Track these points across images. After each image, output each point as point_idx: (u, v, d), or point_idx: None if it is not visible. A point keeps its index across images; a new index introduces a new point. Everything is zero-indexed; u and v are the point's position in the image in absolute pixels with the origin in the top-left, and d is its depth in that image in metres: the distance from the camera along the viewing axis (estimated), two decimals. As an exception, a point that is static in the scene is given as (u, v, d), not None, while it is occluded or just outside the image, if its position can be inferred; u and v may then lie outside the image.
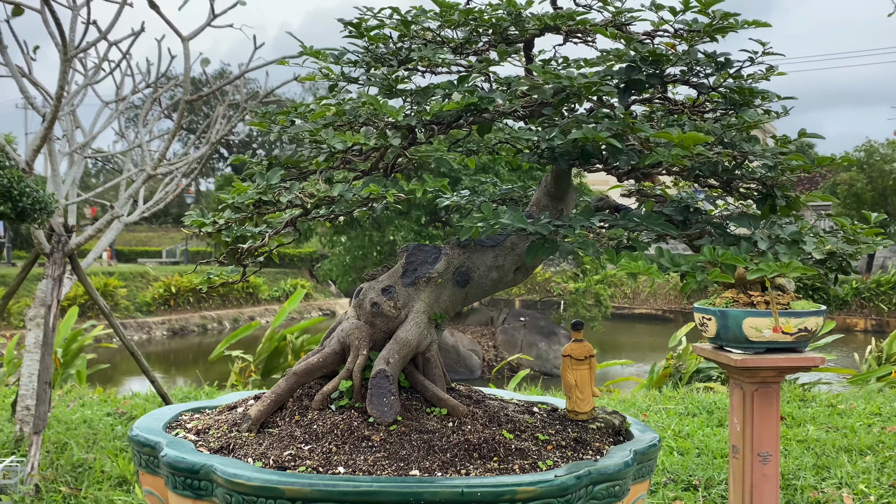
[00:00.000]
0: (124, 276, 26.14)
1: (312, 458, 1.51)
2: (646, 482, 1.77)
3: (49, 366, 4.50)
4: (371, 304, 1.57)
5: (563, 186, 1.60)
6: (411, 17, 1.53)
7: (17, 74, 4.91)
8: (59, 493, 4.01)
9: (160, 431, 1.67)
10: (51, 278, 4.73)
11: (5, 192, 3.22)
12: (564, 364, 1.73)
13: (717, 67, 1.43)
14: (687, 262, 1.20)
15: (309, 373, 1.62)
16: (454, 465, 1.52)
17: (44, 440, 4.84)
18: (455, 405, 1.58)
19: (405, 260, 1.61)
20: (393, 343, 1.52)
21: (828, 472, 4.68)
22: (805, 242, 1.29)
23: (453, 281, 1.57)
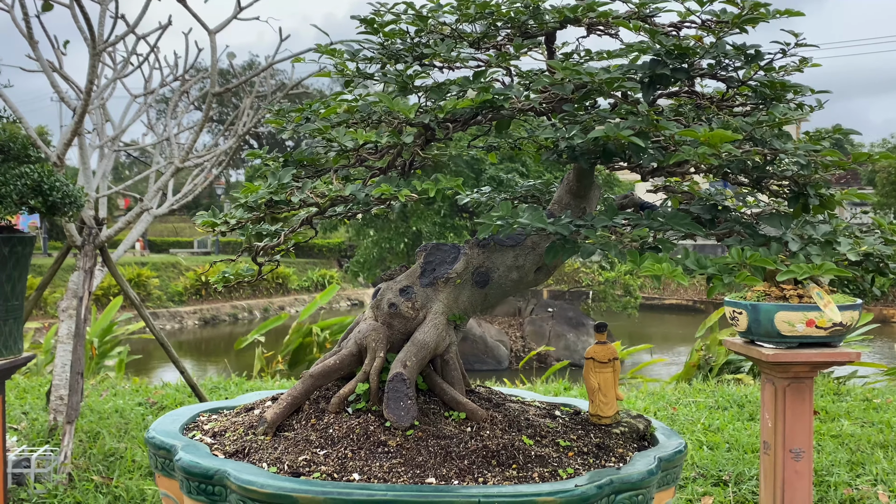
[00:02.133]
0: (156, 267, 26.51)
1: (327, 463, 1.47)
2: (671, 490, 1.70)
3: (81, 356, 4.56)
4: (389, 305, 1.54)
5: (586, 184, 1.54)
6: (427, 12, 1.49)
7: (48, 69, 4.97)
8: (91, 481, 4.07)
9: (177, 434, 1.67)
10: (82, 270, 4.79)
11: (36, 186, 3.25)
12: (587, 367, 1.68)
13: (747, 60, 1.36)
14: (714, 263, 1.16)
15: (325, 375, 1.61)
16: (472, 472, 1.48)
17: (77, 429, 4.92)
18: (474, 409, 1.54)
19: (423, 260, 1.57)
20: (410, 345, 1.48)
21: (862, 468, 4.58)
22: (839, 243, 1.23)
23: (472, 281, 1.52)
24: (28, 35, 4.83)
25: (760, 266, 1.14)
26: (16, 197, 3.19)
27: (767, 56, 1.39)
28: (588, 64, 1.41)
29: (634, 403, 6.12)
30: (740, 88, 1.43)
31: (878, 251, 1.27)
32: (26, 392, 6.45)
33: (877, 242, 1.30)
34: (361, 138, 1.30)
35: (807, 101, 1.41)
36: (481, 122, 1.28)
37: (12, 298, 3.32)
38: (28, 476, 3.95)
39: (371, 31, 1.52)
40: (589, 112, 1.30)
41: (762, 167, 1.26)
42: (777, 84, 1.38)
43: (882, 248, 1.28)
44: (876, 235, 1.37)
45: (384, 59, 1.53)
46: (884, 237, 1.36)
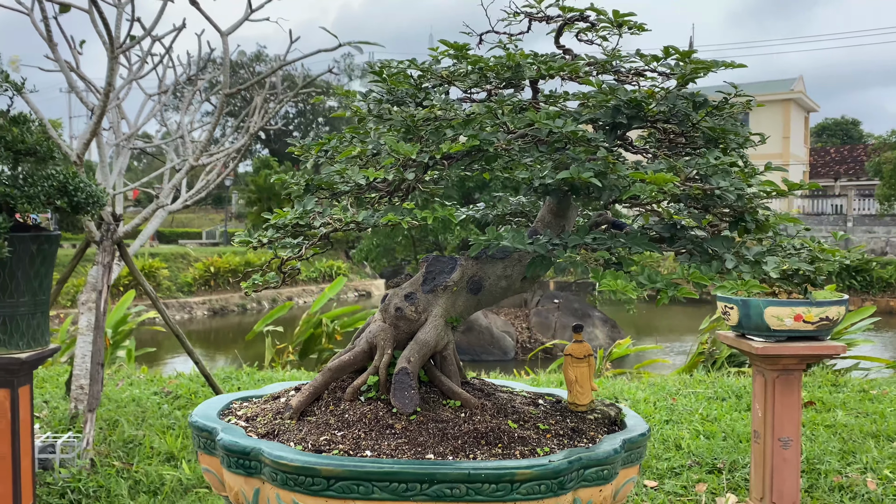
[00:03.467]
0: (166, 258, 26.80)
1: (344, 442, 1.73)
2: (635, 467, 1.96)
3: (101, 347, 4.76)
4: (395, 309, 1.76)
5: (564, 205, 1.75)
6: (426, 66, 1.69)
7: (66, 70, 5.14)
8: (112, 467, 4.28)
9: (215, 418, 1.93)
10: (101, 265, 4.98)
11: (61, 187, 3.43)
12: (566, 362, 1.91)
13: (695, 107, 1.54)
14: (662, 279, 1.33)
15: (341, 369, 1.83)
16: (464, 450, 1.74)
17: (96, 418, 5.13)
18: (467, 398, 1.77)
19: (425, 269, 1.79)
20: (414, 344, 1.71)
21: (853, 457, 4.74)
22: (766, 262, 1.41)
23: (467, 289, 1.74)
24: (47, 37, 5.01)
25: (698, 281, 1.32)
26: (43, 198, 3.37)
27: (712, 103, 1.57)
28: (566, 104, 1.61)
29: (635, 394, 6.29)
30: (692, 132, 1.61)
31: (803, 268, 1.46)
32: (45, 381, 6.67)
33: (801, 261, 1.48)
34: (372, 176, 1.49)
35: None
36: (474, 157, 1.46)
37: (40, 293, 3.51)
38: (53, 461, 4.15)
39: (380, 80, 1.72)
40: (563, 151, 1.47)
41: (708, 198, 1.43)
42: (718, 129, 1.56)
43: (804, 265, 1.47)
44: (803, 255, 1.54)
45: (390, 104, 1.73)
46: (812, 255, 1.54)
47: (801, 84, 41.32)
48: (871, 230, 29.30)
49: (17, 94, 3.69)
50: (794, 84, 40.91)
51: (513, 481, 1.66)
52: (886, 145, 35.02)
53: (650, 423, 5.45)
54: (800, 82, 41.28)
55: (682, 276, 1.34)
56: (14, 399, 3.51)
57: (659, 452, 4.78)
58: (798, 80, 41.23)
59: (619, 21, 1.68)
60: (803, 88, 41.38)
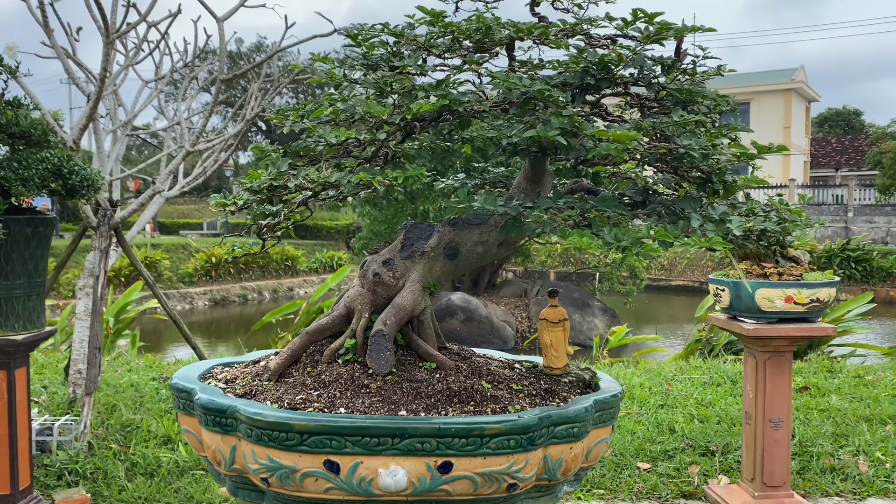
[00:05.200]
0: (167, 248, 26.83)
1: (320, 401, 1.76)
2: (607, 427, 2.00)
3: (98, 332, 4.79)
4: (373, 275, 1.79)
5: (539, 171, 1.77)
6: (400, 30, 1.71)
7: (62, 56, 5.15)
8: (109, 449, 4.31)
9: (195, 380, 1.96)
10: (98, 250, 5.01)
11: (56, 170, 3.45)
12: (542, 326, 1.95)
13: (664, 69, 1.56)
14: (628, 237, 1.35)
15: (319, 332, 1.86)
16: (437, 407, 1.77)
17: (94, 402, 5.16)
18: (443, 360, 1.81)
19: (403, 236, 1.82)
20: (391, 308, 1.74)
21: (846, 440, 4.77)
22: (731, 221, 1.42)
23: (444, 254, 1.77)
24: (43, 23, 5.02)
25: (663, 239, 1.34)
26: (38, 181, 3.40)
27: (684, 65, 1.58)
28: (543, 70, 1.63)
29: (631, 379, 6.31)
30: (660, 93, 1.63)
31: (769, 228, 1.48)
32: (44, 368, 6.70)
33: (769, 222, 1.50)
34: (343, 135, 1.51)
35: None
36: (448, 120, 1.48)
37: (35, 276, 3.54)
38: (51, 444, 4.19)
39: (355, 44, 1.74)
40: (534, 113, 1.49)
41: (676, 158, 1.45)
42: (685, 91, 1.58)
43: (771, 226, 1.48)
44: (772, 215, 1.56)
45: (365, 68, 1.75)
46: (779, 217, 1.56)
47: (802, 74, 41.20)
48: (872, 220, 29.28)
49: (12, 77, 3.71)
50: (795, 74, 40.80)
51: (482, 436, 1.69)
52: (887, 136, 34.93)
53: (646, 407, 5.48)
54: (801, 72, 41.16)
55: (646, 234, 1.36)
56: (11, 380, 3.54)
57: (653, 436, 4.81)
58: (799, 70, 41.11)
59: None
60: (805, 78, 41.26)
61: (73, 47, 5.56)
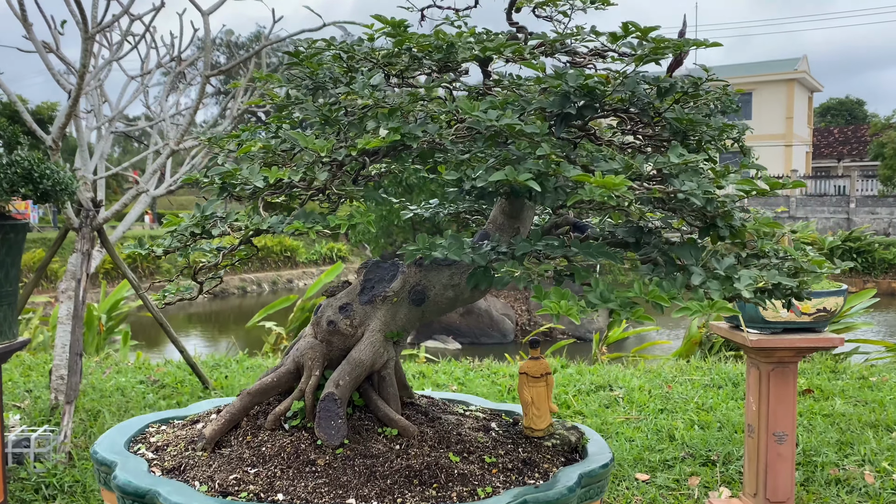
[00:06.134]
0: (165, 240, 26.68)
1: (256, 482, 1.51)
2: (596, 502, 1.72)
3: (80, 338, 4.64)
4: (328, 323, 1.58)
5: (518, 205, 1.55)
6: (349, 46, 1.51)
7: (42, 51, 4.98)
8: (90, 460, 4.17)
9: (121, 449, 1.71)
10: (80, 252, 4.85)
11: (26, 174, 3.29)
12: (521, 381, 1.70)
13: (660, 93, 1.35)
14: (617, 297, 1.17)
15: (263, 392, 1.65)
16: (392, 492, 1.51)
17: (78, 407, 5.03)
18: (405, 426, 1.58)
19: (363, 277, 1.61)
20: (345, 364, 1.53)
21: (851, 448, 4.62)
22: (739, 279, 1.24)
23: (409, 299, 1.55)
24: (22, 17, 4.84)
25: (658, 301, 1.16)
26: (6, 185, 3.24)
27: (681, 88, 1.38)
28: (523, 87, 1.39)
29: (630, 381, 6.17)
30: (655, 118, 1.42)
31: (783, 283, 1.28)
32: (31, 369, 6.57)
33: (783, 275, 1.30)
34: (274, 176, 1.32)
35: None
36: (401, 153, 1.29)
37: (6, 285, 3.39)
38: (27, 456, 4.05)
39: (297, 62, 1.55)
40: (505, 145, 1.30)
41: (673, 201, 1.26)
42: (684, 120, 1.37)
43: (785, 280, 1.29)
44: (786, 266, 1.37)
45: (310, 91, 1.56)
46: (795, 266, 1.36)
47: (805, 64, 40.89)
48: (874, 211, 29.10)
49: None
50: (798, 63, 40.50)
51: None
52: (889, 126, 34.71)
53: (645, 412, 5.34)
54: (804, 62, 40.86)
55: (638, 293, 1.19)
56: (-19, 394, 3.39)
57: (652, 444, 4.67)
58: (802, 60, 40.80)
59: None
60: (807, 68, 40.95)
61: (56, 41, 5.39)
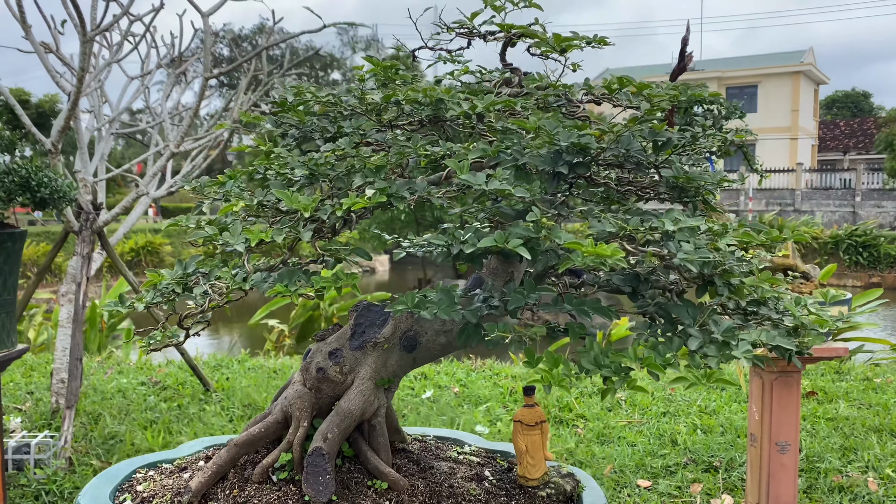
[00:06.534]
0: (169, 233, 26.67)
1: None
2: None
3: (80, 342, 4.63)
4: (317, 370, 1.54)
5: None
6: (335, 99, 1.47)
7: (41, 53, 4.95)
8: (90, 466, 4.17)
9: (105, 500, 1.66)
10: (80, 256, 4.83)
11: (23, 182, 3.27)
12: (515, 429, 1.65)
13: (656, 148, 1.31)
14: (611, 363, 1.14)
15: (251, 444, 1.61)
16: None
17: (79, 410, 5.02)
18: (395, 479, 1.54)
19: (354, 321, 1.56)
20: (334, 416, 1.49)
21: (855, 454, 4.60)
22: (736, 345, 1.20)
23: (400, 346, 1.51)
24: (21, 19, 4.81)
25: (653, 369, 1.12)
26: (3, 194, 3.21)
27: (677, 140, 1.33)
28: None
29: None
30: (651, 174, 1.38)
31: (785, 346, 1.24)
32: (33, 370, 6.57)
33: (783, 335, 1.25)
34: (255, 238, 1.29)
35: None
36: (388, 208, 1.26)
37: (4, 293, 3.37)
38: (27, 462, 4.04)
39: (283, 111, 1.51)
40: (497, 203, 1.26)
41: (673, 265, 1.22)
42: (682, 178, 1.33)
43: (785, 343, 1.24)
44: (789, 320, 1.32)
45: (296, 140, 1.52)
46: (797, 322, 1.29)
47: (811, 56, 40.65)
48: (880, 205, 28.96)
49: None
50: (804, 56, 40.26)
51: None
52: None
53: (647, 415, 5.31)
54: (810, 54, 40.61)
55: (633, 358, 1.15)
56: (-20, 403, 3.38)
57: (654, 449, 4.65)
58: (808, 52, 40.56)
59: (563, 46, 1.45)
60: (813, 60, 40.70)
61: (56, 41, 5.35)
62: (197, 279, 1.29)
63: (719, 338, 1.19)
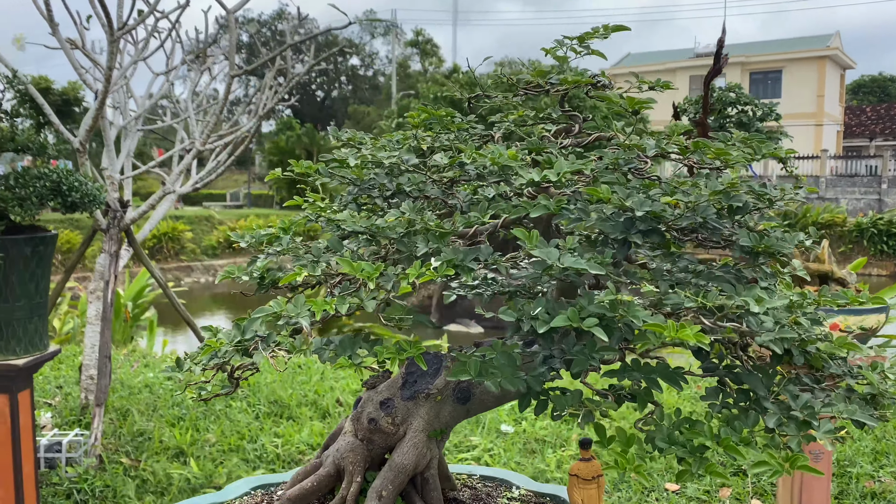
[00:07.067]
0: (190, 220, 26.88)
1: None
2: None
3: (108, 340, 4.67)
4: (368, 421, 1.51)
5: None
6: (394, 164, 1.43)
7: (68, 50, 4.96)
8: (120, 464, 4.21)
9: None
10: (107, 254, 4.86)
11: (55, 187, 3.28)
12: (571, 483, 1.60)
13: (731, 212, 1.25)
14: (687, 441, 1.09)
15: (303, 498, 1.59)
16: None
17: (107, 406, 5.07)
18: None
19: (405, 369, 1.53)
20: (388, 471, 1.46)
21: (887, 458, 4.53)
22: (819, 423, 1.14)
23: (453, 397, 1.48)
24: (48, 17, 4.81)
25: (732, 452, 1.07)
26: (36, 199, 3.23)
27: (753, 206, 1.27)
28: None
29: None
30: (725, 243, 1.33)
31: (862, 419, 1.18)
32: (60, 363, 6.64)
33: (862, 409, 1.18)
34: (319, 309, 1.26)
35: None
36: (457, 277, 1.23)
37: (36, 297, 3.39)
38: (59, 460, 4.09)
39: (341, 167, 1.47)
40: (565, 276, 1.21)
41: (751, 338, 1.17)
42: (762, 247, 1.28)
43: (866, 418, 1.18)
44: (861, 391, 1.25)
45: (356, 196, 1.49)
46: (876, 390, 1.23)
47: (837, 40, 39.92)
48: (907, 193, 28.49)
49: (9, 87, 3.52)
50: (830, 40, 39.54)
51: None
52: None
53: (673, 415, 5.27)
54: (836, 38, 39.88)
55: (709, 437, 1.10)
56: (13, 405, 3.42)
57: (681, 451, 4.61)
58: (835, 36, 39.83)
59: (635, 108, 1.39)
60: (840, 44, 39.97)
61: (82, 37, 5.36)
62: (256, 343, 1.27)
63: (799, 415, 1.13)
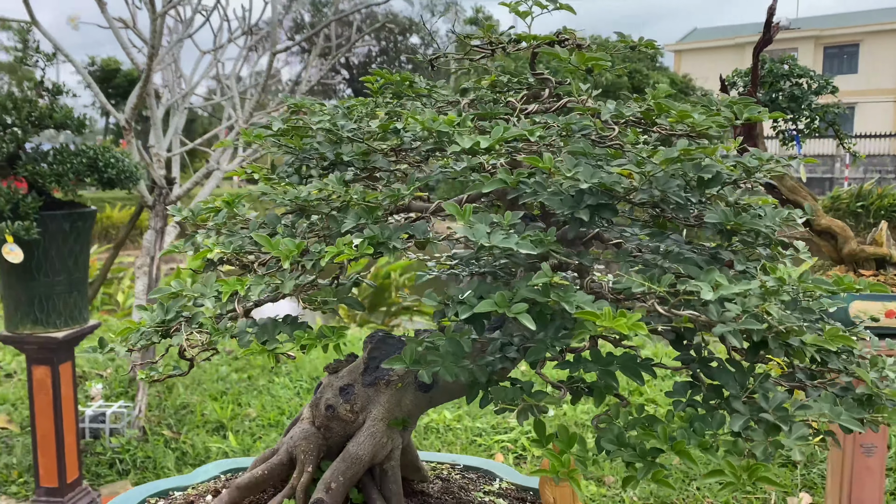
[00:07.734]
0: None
1: None
2: None
3: (153, 315, 4.75)
4: (326, 408, 1.43)
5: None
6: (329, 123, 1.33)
7: (116, 30, 5.03)
8: (161, 436, 4.30)
9: None
10: (153, 230, 4.95)
11: (91, 164, 3.33)
12: (542, 480, 1.49)
13: (700, 184, 1.10)
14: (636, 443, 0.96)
15: (253, 487, 1.54)
16: None
17: (155, 380, 5.20)
18: None
19: (368, 354, 1.46)
20: (340, 462, 1.39)
21: (950, 454, 4.28)
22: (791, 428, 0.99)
23: (416, 384, 1.40)
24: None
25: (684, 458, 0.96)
26: (72, 175, 3.28)
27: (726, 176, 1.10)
28: None
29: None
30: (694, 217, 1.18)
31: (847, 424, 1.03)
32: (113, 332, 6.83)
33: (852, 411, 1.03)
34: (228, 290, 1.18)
35: None
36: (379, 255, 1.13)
37: (75, 272, 3.46)
38: (103, 431, 4.20)
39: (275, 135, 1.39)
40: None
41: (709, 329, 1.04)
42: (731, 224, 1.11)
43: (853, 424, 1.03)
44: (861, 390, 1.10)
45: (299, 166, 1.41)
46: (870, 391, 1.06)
47: (921, 11, 37.72)
48: None
49: (49, 64, 3.58)
50: (913, 11, 37.40)
51: None
52: None
53: (721, 402, 5.10)
54: (919, 9, 37.69)
55: (664, 441, 0.99)
56: (55, 376, 3.51)
57: (728, 439, 4.45)
58: (918, 7, 37.65)
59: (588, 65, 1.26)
60: (923, 16, 37.76)
61: (132, 15, 5.43)
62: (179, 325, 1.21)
63: (770, 417, 0.98)
